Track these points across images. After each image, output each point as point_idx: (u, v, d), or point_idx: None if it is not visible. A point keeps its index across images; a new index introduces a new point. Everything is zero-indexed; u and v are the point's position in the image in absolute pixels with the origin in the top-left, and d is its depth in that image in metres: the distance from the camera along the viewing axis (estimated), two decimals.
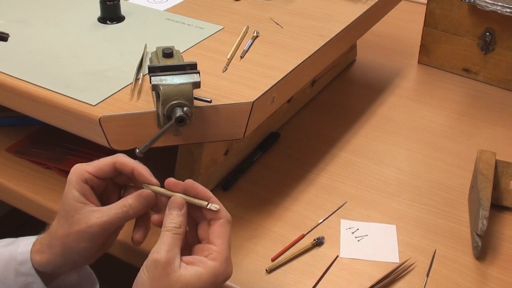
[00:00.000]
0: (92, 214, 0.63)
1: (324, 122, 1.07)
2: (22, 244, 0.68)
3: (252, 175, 0.94)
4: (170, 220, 0.61)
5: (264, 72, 0.84)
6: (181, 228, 0.61)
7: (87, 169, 0.64)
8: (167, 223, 0.61)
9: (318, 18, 0.99)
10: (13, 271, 0.66)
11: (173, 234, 0.60)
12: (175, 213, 0.62)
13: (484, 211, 0.79)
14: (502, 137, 1.03)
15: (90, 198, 0.64)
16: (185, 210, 0.63)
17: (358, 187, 0.92)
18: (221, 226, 0.62)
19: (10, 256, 0.67)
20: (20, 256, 0.66)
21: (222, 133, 0.79)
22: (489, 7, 1.09)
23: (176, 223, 0.61)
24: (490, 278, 0.77)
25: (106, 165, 0.65)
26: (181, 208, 0.63)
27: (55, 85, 0.78)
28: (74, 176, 0.64)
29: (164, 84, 0.70)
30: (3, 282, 0.67)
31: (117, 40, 0.90)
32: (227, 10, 1.01)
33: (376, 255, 0.80)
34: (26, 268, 0.66)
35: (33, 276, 0.66)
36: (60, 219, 0.64)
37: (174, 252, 0.59)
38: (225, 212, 0.64)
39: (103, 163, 0.65)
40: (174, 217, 0.62)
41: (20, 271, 0.66)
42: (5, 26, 0.92)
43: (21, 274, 0.66)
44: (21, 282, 0.66)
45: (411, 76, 1.22)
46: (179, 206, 0.63)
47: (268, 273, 0.78)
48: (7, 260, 0.67)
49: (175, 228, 0.61)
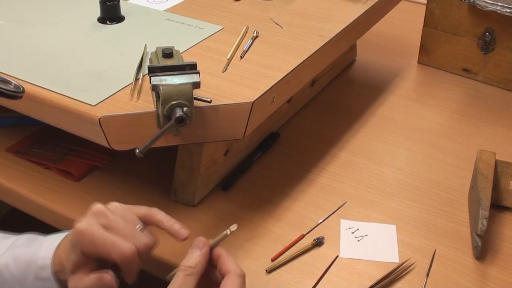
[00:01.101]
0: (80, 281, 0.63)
1: (324, 122, 1.07)
2: (44, 248, 0.67)
3: (252, 175, 0.94)
4: (187, 259, 0.62)
5: (264, 72, 0.84)
6: (196, 268, 0.61)
7: (89, 248, 0.62)
8: (184, 262, 0.62)
9: (318, 18, 0.99)
10: (32, 274, 0.67)
11: (185, 275, 0.60)
12: (196, 254, 0.62)
13: (484, 211, 0.79)
14: (502, 137, 1.03)
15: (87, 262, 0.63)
16: (205, 251, 0.63)
17: (358, 187, 0.92)
18: (229, 279, 0.62)
19: (31, 259, 0.67)
20: (42, 261, 0.67)
21: (222, 133, 0.79)
22: (489, 7, 1.09)
23: (192, 263, 0.61)
24: (490, 278, 0.77)
25: (107, 257, 0.62)
26: (201, 248, 0.63)
27: (55, 85, 0.78)
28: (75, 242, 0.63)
29: (164, 84, 0.70)
30: (21, 284, 0.68)
31: (117, 40, 0.90)
32: (227, 10, 1.01)
33: (376, 255, 0.80)
34: (46, 273, 0.66)
35: (52, 282, 0.66)
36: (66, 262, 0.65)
37: None
38: (235, 267, 0.63)
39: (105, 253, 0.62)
40: (192, 257, 0.62)
41: (39, 276, 0.66)
42: (5, 26, 0.92)
43: (40, 279, 0.66)
44: (38, 286, 0.67)
45: (411, 76, 1.22)
46: (200, 246, 0.63)
47: (268, 273, 0.78)
48: (28, 263, 0.67)
49: (189, 268, 0.61)
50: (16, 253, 0.69)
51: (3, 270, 0.69)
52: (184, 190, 0.87)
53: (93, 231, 0.62)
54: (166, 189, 0.89)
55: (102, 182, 0.91)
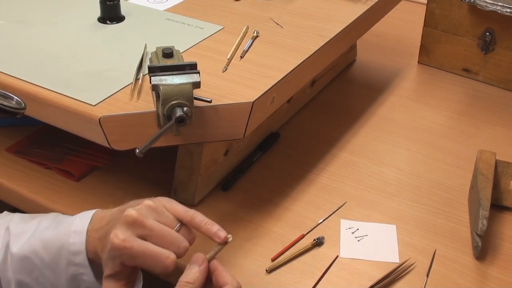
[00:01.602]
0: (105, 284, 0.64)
1: (324, 122, 1.07)
2: (73, 233, 0.67)
3: (252, 175, 0.94)
4: (186, 274, 0.62)
5: (264, 72, 0.84)
6: (195, 283, 0.61)
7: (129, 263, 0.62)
8: (183, 278, 0.62)
9: (318, 18, 0.99)
10: (65, 260, 0.67)
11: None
12: (194, 270, 0.62)
13: (484, 211, 0.79)
14: (502, 137, 1.03)
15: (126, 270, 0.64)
16: (204, 267, 0.63)
17: (358, 187, 0.92)
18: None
19: (61, 245, 0.67)
20: (74, 247, 0.66)
21: (222, 133, 0.79)
22: (489, 7, 1.09)
23: (190, 278, 0.61)
24: (490, 278, 0.77)
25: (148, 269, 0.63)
26: (200, 264, 0.62)
27: (55, 85, 0.78)
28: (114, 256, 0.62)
29: (164, 84, 0.70)
30: (53, 270, 0.68)
31: (117, 40, 0.90)
32: (227, 10, 1.01)
33: (376, 255, 0.80)
34: (80, 259, 0.66)
35: (86, 267, 0.66)
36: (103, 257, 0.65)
37: None
38: (230, 279, 0.62)
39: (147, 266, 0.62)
40: (191, 272, 0.62)
41: (72, 261, 0.66)
42: (5, 26, 0.92)
43: (74, 264, 0.66)
44: (71, 272, 0.67)
45: (411, 76, 1.22)
46: (199, 262, 0.63)
47: (268, 273, 0.78)
48: (59, 248, 0.67)
49: (188, 283, 0.61)
50: (43, 238, 0.68)
51: (31, 256, 0.68)
52: (184, 190, 0.87)
53: (132, 246, 0.61)
54: (166, 189, 0.89)
55: (102, 182, 0.91)
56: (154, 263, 0.61)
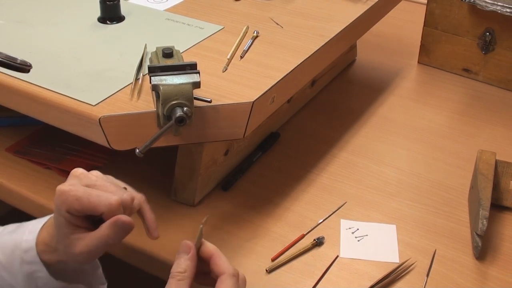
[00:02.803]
0: (78, 241, 0.63)
1: (324, 122, 1.07)
2: (27, 232, 0.67)
3: (252, 175, 0.94)
4: (177, 265, 0.62)
5: (264, 72, 0.84)
6: (187, 272, 0.61)
7: (74, 206, 0.62)
8: (174, 268, 0.61)
9: (318, 18, 0.99)
10: (18, 259, 0.67)
11: (177, 281, 0.60)
12: (183, 259, 0.62)
13: (484, 211, 0.79)
14: (502, 137, 1.03)
15: (78, 223, 0.63)
16: (192, 254, 0.62)
17: (358, 187, 0.92)
18: (222, 281, 0.61)
19: (15, 244, 0.67)
20: (25, 244, 0.66)
21: (222, 133, 0.79)
22: (489, 7, 1.09)
23: (182, 268, 0.61)
24: (490, 278, 0.77)
25: (94, 211, 0.62)
26: (188, 252, 0.62)
27: (55, 85, 0.78)
28: (60, 204, 0.63)
29: (164, 84, 0.70)
30: (9, 271, 0.68)
31: (117, 40, 0.90)
32: (227, 10, 1.01)
33: (376, 255, 0.80)
34: (31, 256, 0.66)
35: (38, 264, 0.66)
36: (56, 234, 0.65)
37: None
38: (227, 267, 0.62)
39: (92, 207, 0.62)
40: (181, 262, 0.62)
41: (25, 259, 0.66)
42: (5, 26, 0.92)
43: (26, 263, 0.66)
44: (26, 270, 0.67)
45: (411, 76, 1.22)
46: (186, 249, 0.63)
47: (268, 273, 0.78)
48: (12, 248, 0.67)
49: (180, 273, 0.61)
50: (1, 241, 0.69)
51: None
52: (184, 190, 0.87)
53: (77, 189, 0.62)
54: (166, 189, 0.89)
55: None
56: (100, 202, 0.62)
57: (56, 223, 0.64)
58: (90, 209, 0.62)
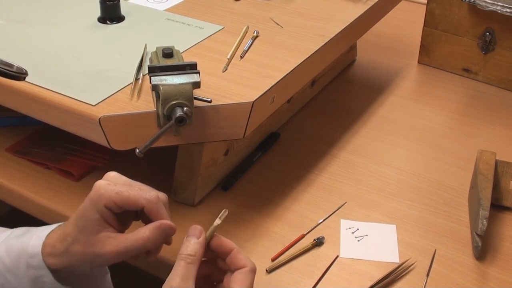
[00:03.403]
0: (109, 240, 0.62)
1: (324, 122, 1.07)
2: (35, 237, 0.67)
3: (252, 175, 0.94)
4: (186, 247, 0.61)
5: (264, 72, 0.84)
6: (196, 256, 0.61)
7: (114, 199, 0.62)
8: (183, 250, 0.61)
9: (318, 18, 0.99)
10: (24, 263, 0.66)
11: (187, 264, 0.60)
12: (193, 241, 0.62)
13: (484, 211, 0.79)
14: (502, 137, 1.03)
15: (110, 221, 0.63)
16: (202, 239, 0.62)
17: (358, 187, 0.92)
18: (242, 273, 0.61)
19: (21, 248, 0.66)
20: (32, 249, 0.66)
21: (222, 133, 0.79)
22: (489, 7, 1.09)
23: (192, 251, 0.61)
24: (490, 278, 0.77)
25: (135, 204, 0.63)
26: (198, 236, 0.62)
27: (55, 85, 0.78)
28: (98, 198, 0.62)
29: (164, 84, 0.70)
30: (14, 274, 0.67)
31: (117, 40, 0.90)
32: (227, 10, 1.01)
33: (376, 255, 0.80)
34: (37, 261, 0.66)
35: (44, 269, 0.66)
36: (77, 232, 0.63)
37: (188, 283, 0.59)
38: (249, 262, 0.62)
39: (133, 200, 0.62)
40: (191, 245, 0.61)
41: (31, 264, 0.66)
42: (5, 26, 0.92)
43: (32, 267, 0.66)
44: (31, 275, 0.66)
45: (411, 76, 1.22)
46: (197, 233, 0.62)
47: (268, 273, 0.78)
48: (19, 252, 0.67)
49: (190, 256, 0.60)
50: (8, 245, 0.68)
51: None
52: (184, 190, 0.87)
53: (116, 184, 0.63)
54: (166, 189, 0.88)
55: None
56: (139, 194, 0.62)
57: (85, 219, 0.63)
58: (131, 203, 0.62)
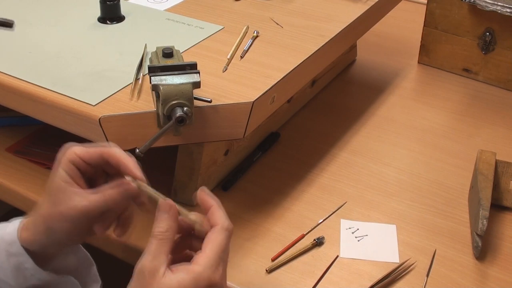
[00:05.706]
0: (74, 196, 0.62)
1: (324, 122, 1.07)
2: (11, 225, 0.67)
3: (252, 175, 0.94)
4: (157, 224, 0.59)
5: (264, 72, 0.84)
6: (168, 232, 0.59)
7: (76, 151, 0.63)
8: (154, 228, 0.59)
9: (318, 18, 0.99)
10: (4, 252, 0.66)
11: (158, 240, 0.58)
12: (164, 217, 0.60)
13: (484, 211, 0.79)
14: (502, 137, 1.03)
15: (76, 179, 0.63)
16: (173, 212, 0.60)
17: (358, 187, 0.92)
18: (214, 232, 0.60)
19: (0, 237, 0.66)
20: (8, 237, 0.66)
21: (222, 133, 0.79)
22: (489, 7, 1.09)
23: (163, 227, 0.59)
24: (490, 278, 0.77)
25: (95, 153, 0.63)
26: (168, 211, 0.60)
27: (55, 85, 0.78)
28: (63, 154, 0.63)
29: (164, 84, 0.70)
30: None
31: (117, 40, 0.90)
32: (227, 10, 1.01)
33: (376, 255, 0.80)
34: (15, 247, 0.66)
35: (23, 255, 0.66)
36: (45, 197, 0.64)
37: (159, 260, 0.57)
38: (224, 220, 0.61)
39: (93, 150, 0.63)
40: (162, 221, 0.60)
41: (10, 252, 0.66)
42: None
43: (12, 255, 0.66)
44: (13, 263, 0.66)
45: (411, 76, 1.22)
46: (166, 208, 0.60)
47: (268, 273, 0.78)
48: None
49: (161, 233, 0.59)
50: None
51: None
52: (184, 190, 0.87)
53: None
54: (166, 189, 0.89)
55: None
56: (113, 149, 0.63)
57: (51, 180, 0.63)
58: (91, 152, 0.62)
